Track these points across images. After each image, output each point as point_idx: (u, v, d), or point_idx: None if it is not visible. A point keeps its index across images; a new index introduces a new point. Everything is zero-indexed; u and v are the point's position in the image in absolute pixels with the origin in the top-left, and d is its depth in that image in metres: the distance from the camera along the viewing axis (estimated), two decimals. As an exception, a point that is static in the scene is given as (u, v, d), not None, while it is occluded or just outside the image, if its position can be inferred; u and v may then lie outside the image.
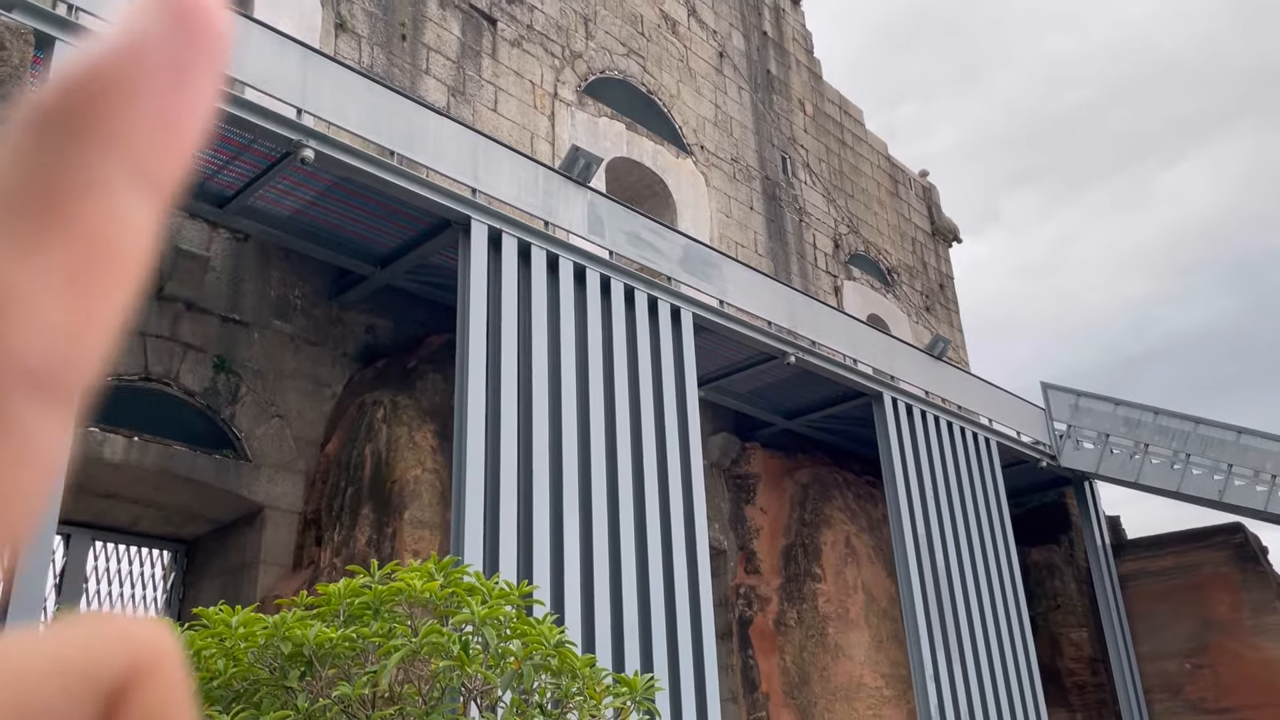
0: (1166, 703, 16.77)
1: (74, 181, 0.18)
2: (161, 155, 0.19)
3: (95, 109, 0.18)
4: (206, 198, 10.11)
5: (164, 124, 0.19)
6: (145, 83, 0.18)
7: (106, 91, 0.18)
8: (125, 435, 9.68)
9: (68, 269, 0.19)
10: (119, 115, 0.18)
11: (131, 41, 0.18)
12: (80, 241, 0.19)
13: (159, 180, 0.19)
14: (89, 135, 0.17)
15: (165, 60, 0.18)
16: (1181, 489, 16.90)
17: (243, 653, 3.49)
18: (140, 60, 0.18)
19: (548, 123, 14.78)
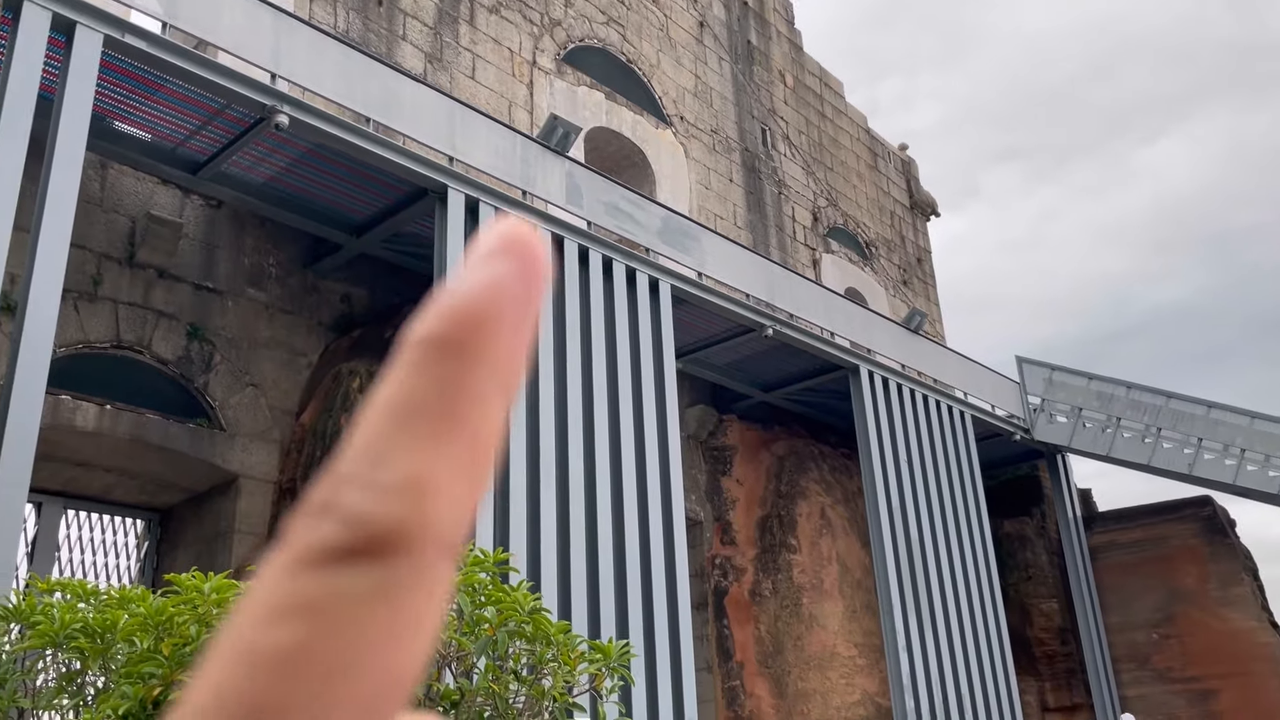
0: (1134, 672, 17.07)
1: (468, 394, 0.23)
2: (516, 369, 0.24)
3: (476, 337, 0.24)
4: (179, 163, 9.97)
5: (518, 346, 0.24)
6: (506, 314, 0.24)
7: (482, 323, 0.24)
8: (97, 403, 9.58)
9: (465, 460, 0.24)
10: (493, 342, 0.24)
11: (491, 280, 0.24)
12: (471, 439, 0.24)
13: (513, 388, 0.25)
14: (474, 358, 0.23)
15: (517, 294, 0.24)
16: (1152, 462, 17.11)
17: (216, 619, 3.48)
18: (500, 296, 0.24)
19: (526, 91, 14.65)
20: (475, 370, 0.23)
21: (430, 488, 0.22)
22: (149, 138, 9.66)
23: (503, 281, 0.24)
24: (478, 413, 0.23)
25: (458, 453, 0.23)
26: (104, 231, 10.08)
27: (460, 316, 0.23)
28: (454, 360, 0.23)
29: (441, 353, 0.23)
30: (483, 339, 0.23)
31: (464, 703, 3.83)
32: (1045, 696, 16.82)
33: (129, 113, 9.30)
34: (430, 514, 0.22)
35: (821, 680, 13.42)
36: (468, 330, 0.23)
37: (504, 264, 0.25)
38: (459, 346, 0.23)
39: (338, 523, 0.22)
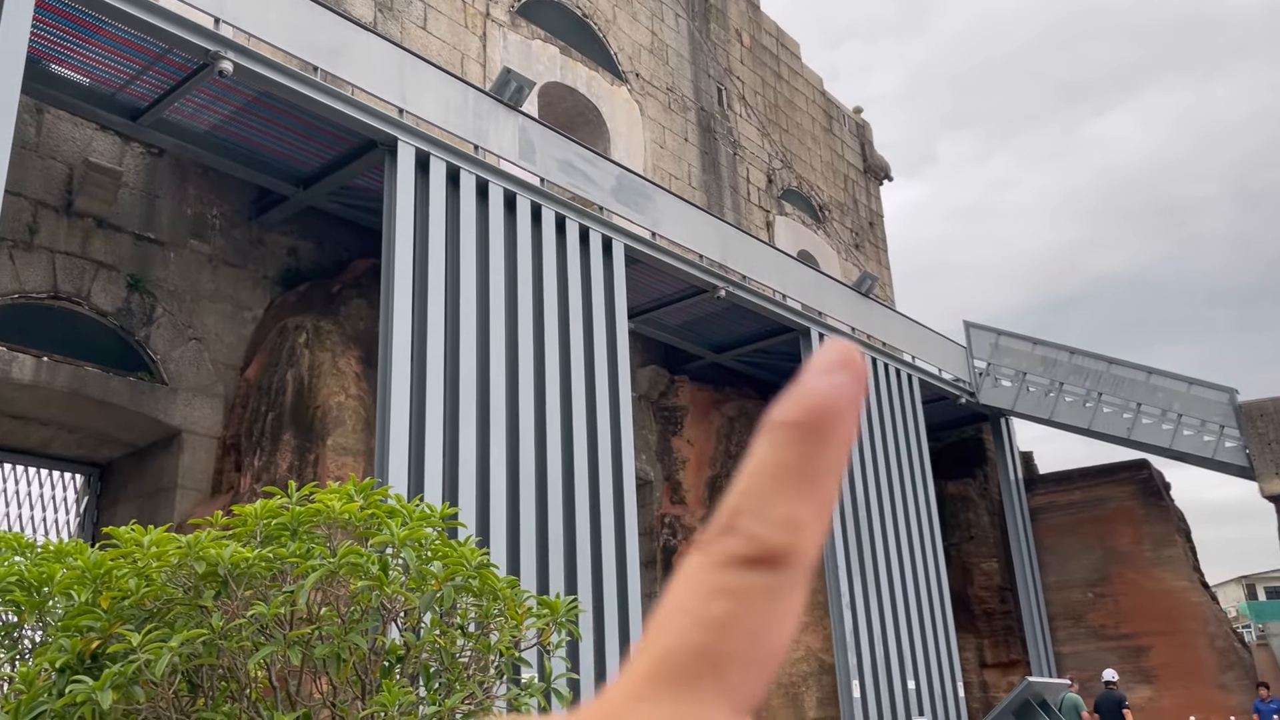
0: (1069, 629, 17.57)
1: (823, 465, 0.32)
2: (848, 451, 0.33)
3: (828, 426, 0.32)
4: (118, 109, 9.66)
5: (851, 434, 0.33)
6: (845, 412, 0.32)
7: (832, 416, 0.32)
8: (34, 355, 9.34)
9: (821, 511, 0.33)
10: (838, 431, 0.33)
11: (836, 384, 0.33)
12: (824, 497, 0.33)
13: (844, 463, 0.33)
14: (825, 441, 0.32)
15: (852, 398, 0.33)
16: (1093, 426, 17.51)
17: (155, 571, 3.42)
18: (842, 398, 0.32)
19: (479, 44, 14.40)
20: (826, 449, 0.32)
21: (802, 526, 0.32)
22: (87, 82, 9.35)
23: (844, 387, 0.33)
24: (827, 479, 0.32)
25: (817, 505, 0.32)
26: (40, 178, 9.77)
27: (817, 409, 0.32)
28: (812, 441, 0.32)
29: (804, 434, 0.32)
30: (831, 427, 0.32)
31: (409, 657, 3.82)
32: (984, 653, 17.26)
33: (66, 55, 8.98)
34: (802, 544, 0.32)
35: (767, 637, 13.63)
36: (822, 420, 0.32)
37: (842, 375, 0.34)
38: (816, 431, 0.32)
39: (743, 540, 0.31)
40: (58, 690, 3.22)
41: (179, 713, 3.38)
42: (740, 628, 0.30)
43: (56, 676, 3.32)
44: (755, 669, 0.30)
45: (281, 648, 3.37)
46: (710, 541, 0.32)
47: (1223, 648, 16.40)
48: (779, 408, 0.33)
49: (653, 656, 0.30)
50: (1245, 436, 17.02)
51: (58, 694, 3.21)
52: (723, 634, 0.30)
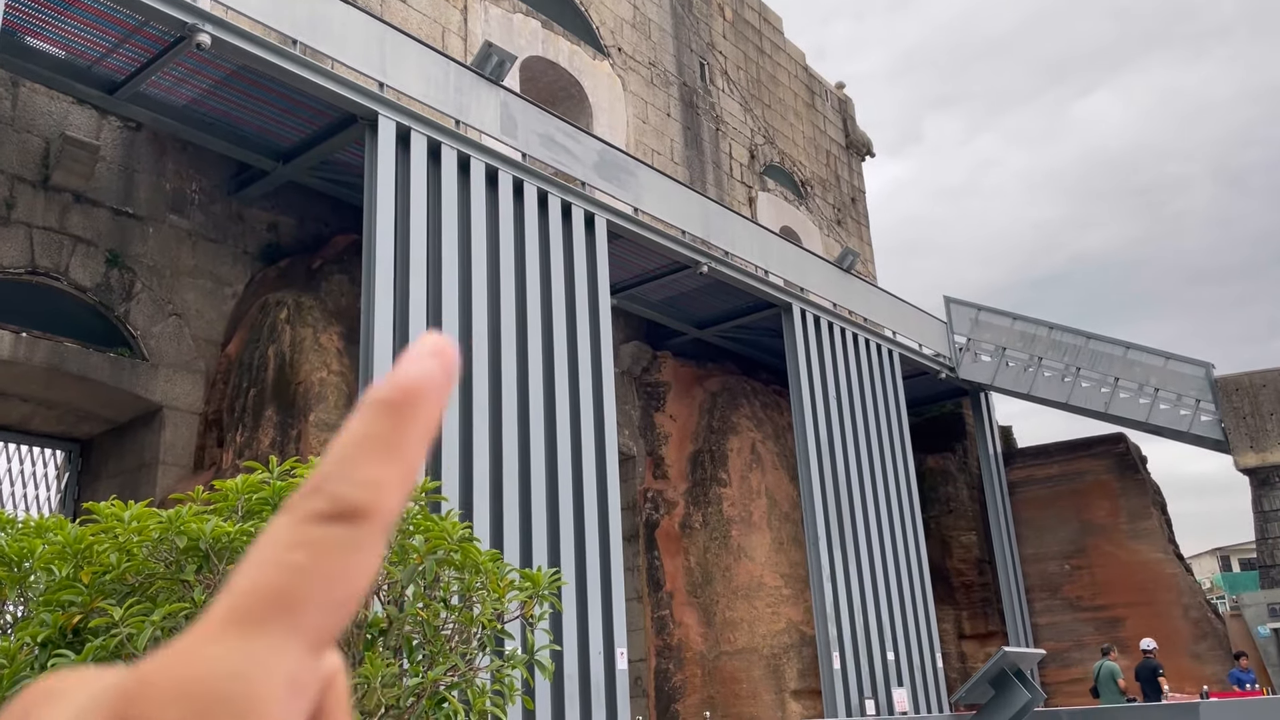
0: (1046, 601, 17.81)
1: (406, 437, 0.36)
2: (433, 428, 0.38)
3: (414, 404, 0.37)
4: (94, 82, 9.55)
5: (437, 414, 0.37)
6: (432, 394, 0.37)
7: (418, 396, 0.37)
8: (12, 331, 9.28)
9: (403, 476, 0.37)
10: (423, 409, 0.37)
11: (425, 370, 0.37)
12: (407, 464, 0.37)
13: (430, 439, 0.38)
14: (412, 417, 0.36)
15: (440, 382, 0.38)
16: (1071, 400, 17.67)
17: (136, 546, 3.43)
18: (430, 382, 0.37)
19: (460, 17, 14.28)
20: (412, 424, 0.36)
21: (383, 487, 0.35)
22: (62, 54, 9.24)
23: (432, 372, 0.38)
24: (411, 449, 0.36)
25: (399, 470, 0.36)
26: (16, 152, 9.67)
27: (406, 389, 0.37)
28: (400, 416, 0.36)
29: (393, 410, 0.36)
30: (417, 405, 0.37)
31: (392, 630, 3.86)
32: (962, 624, 17.48)
33: (41, 27, 8.87)
34: (382, 503, 0.35)
35: (748, 609, 13.76)
36: (409, 398, 0.37)
37: (432, 361, 0.38)
38: (403, 408, 0.36)
39: (327, 499, 0.34)
40: (39, 665, 3.24)
41: (162, 685, 3.41)
42: (316, 574, 0.33)
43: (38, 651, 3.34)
44: (329, 611, 0.33)
45: (264, 621, 3.40)
46: (295, 502, 0.35)
47: (1197, 618, 16.67)
48: (374, 389, 0.37)
49: (229, 603, 0.33)
50: (1221, 410, 17.22)
51: (39, 668, 3.23)
52: (298, 579, 0.33)
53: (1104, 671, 14.38)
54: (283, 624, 0.33)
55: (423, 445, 0.37)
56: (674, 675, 13.90)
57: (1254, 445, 16.94)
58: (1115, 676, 14.23)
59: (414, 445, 0.36)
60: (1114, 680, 14.18)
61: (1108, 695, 14.17)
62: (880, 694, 13.30)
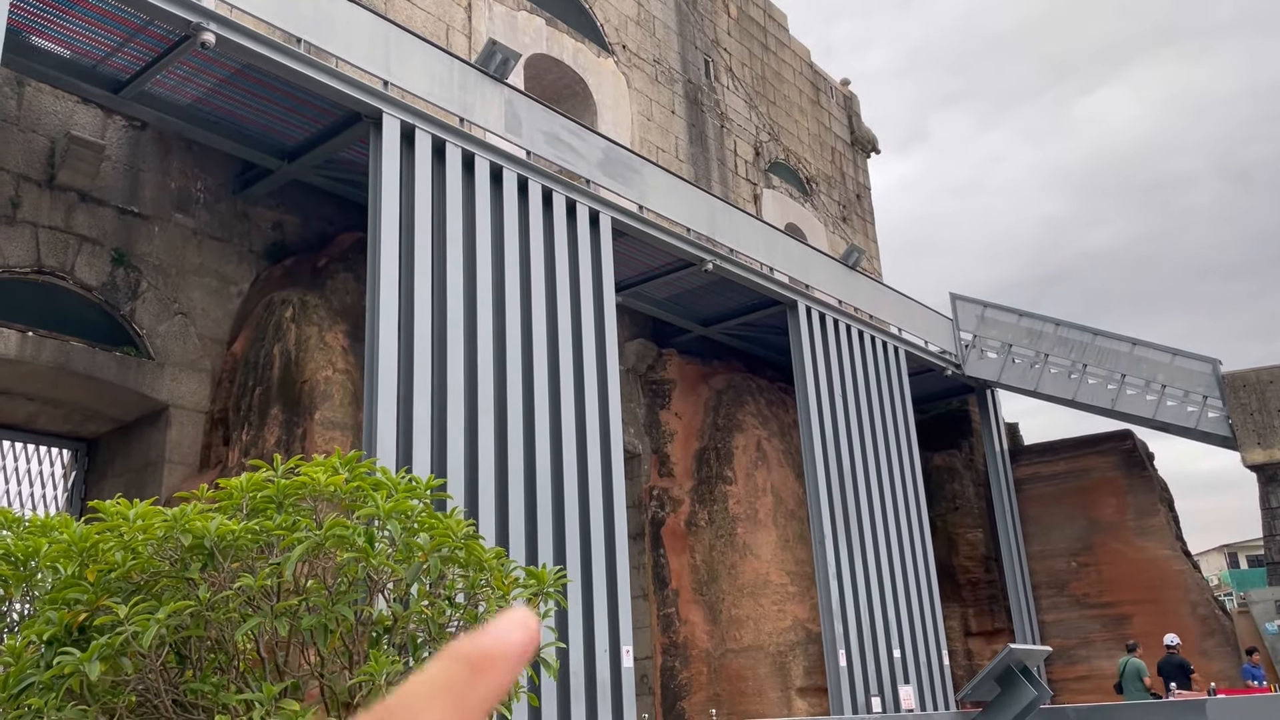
0: (1053, 598, 17.77)
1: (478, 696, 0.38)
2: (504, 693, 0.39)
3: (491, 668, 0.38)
4: (99, 82, 9.57)
5: (510, 682, 0.39)
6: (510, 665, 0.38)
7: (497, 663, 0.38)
8: (19, 330, 9.30)
9: None
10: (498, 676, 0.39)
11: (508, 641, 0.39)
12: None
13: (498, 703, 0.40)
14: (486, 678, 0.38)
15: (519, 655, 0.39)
16: (1077, 397, 17.62)
17: (141, 545, 3.44)
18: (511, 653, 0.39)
19: (464, 15, 14.28)
20: (485, 686, 0.38)
21: None
22: (68, 54, 9.25)
23: (514, 645, 0.39)
24: (476, 709, 0.38)
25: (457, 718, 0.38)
26: (21, 152, 9.69)
27: (488, 653, 0.39)
28: (477, 676, 0.38)
29: (470, 667, 0.38)
30: (494, 671, 0.38)
31: (397, 627, 3.86)
32: (968, 621, 17.45)
33: (46, 27, 8.88)
34: None
35: (754, 607, 13.76)
36: (489, 663, 0.39)
37: (518, 634, 0.40)
38: (482, 670, 0.38)
39: None
40: (45, 662, 3.25)
41: (167, 684, 3.41)
42: None
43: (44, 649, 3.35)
44: None
45: (269, 619, 3.41)
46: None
47: (1204, 615, 16.62)
48: (460, 643, 0.40)
49: None
50: (1228, 407, 17.16)
51: (45, 666, 3.23)
52: None
53: (1129, 668, 14.35)
54: None
55: (488, 709, 0.39)
56: (680, 673, 13.90)
57: (1261, 441, 16.88)
58: (1141, 674, 14.20)
59: (480, 707, 0.38)
60: (1139, 677, 14.16)
61: (1132, 692, 14.14)
62: (886, 691, 13.29)
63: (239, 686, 3.47)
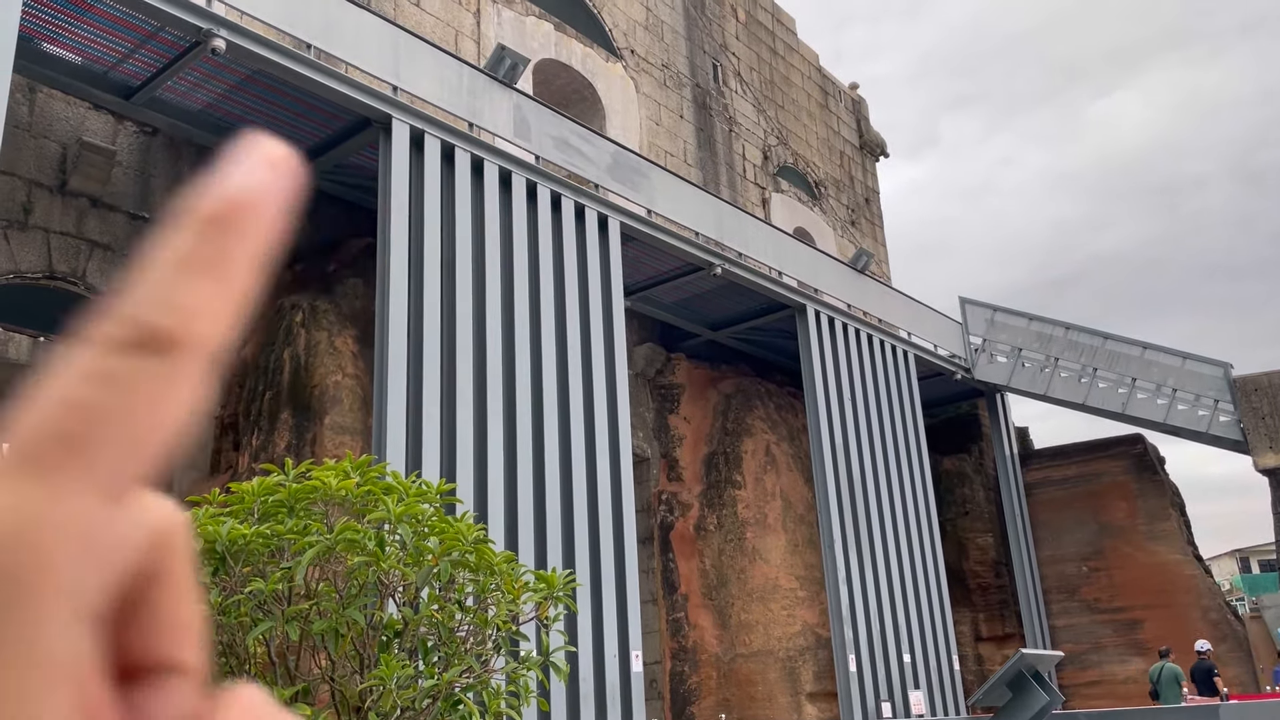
0: (1063, 603, 17.70)
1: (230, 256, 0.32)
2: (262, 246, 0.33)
3: (239, 218, 0.32)
4: (111, 88, 9.62)
5: (266, 229, 0.33)
6: (262, 205, 0.33)
7: (244, 208, 0.32)
8: (30, 335, 9.35)
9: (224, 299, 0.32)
10: (251, 223, 0.33)
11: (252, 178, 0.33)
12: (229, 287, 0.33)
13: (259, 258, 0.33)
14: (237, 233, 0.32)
15: (271, 192, 0.33)
16: (1088, 401, 17.55)
17: (153, 549, 3.45)
18: (259, 191, 0.33)
19: (473, 20, 14.32)
20: (239, 240, 0.32)
21: (196, 312, 0.31)
22: (79, 60, 9.31)
23: (262, 181, 0.33)
24: (235, 270, 0.32)
25: (219, 293, 0.32)
26: (33, 158, 9.74)
27: (232, 202, 0.32)
28: (224, 231, 0.32)
29: (216, 225, 0.32)
30: (244, 220, 0.32)
31: (407, 632, 3.86)
32: (979, 626, 17.39)
33: (58, 34, 8.94)
34: (194, 330, 0.31)
35: (763, 612, 13.73)
36: (234, 212, 0.32)
37: (263, 169, 0.33)
38: (228, 223, 0.32)
39: (131, 325, 0.31)
40: (59, 666, 3.26)
41: (179, 687, 3.42)
42: (110, 411, 0.30)
43: (58, 652, 3.36)
44: (126, 453, 0.30)
45: (280, 623, 3.41)
46: (97, 330, 0.31)
47: (1216, 620, 16.53)
48: (194, 200, 0.33)
49: (17, 442, 0.29)
50: (1239, 410, 17.08)
51: (59, 669, 3.24)
52: (88, 418, 0.29)
53: (1165, 673, 14.31)
54: (74, 468, 0.29)
55: (250, 267, 0.33)
56: (689, 678, 13.88)
57: (1273, 445, 16.79)
58: (1178, 679, 14.17)
59: (240, 264, 0.32)
60: (1177, 682, 14.13)
61: (1170, 698, 14.10)
62: (896, 696, 13.24)
63: (250, 690, 3.48)
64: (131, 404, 0.30)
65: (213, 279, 0.32)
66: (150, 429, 0.30)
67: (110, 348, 0.30)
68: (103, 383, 0.30)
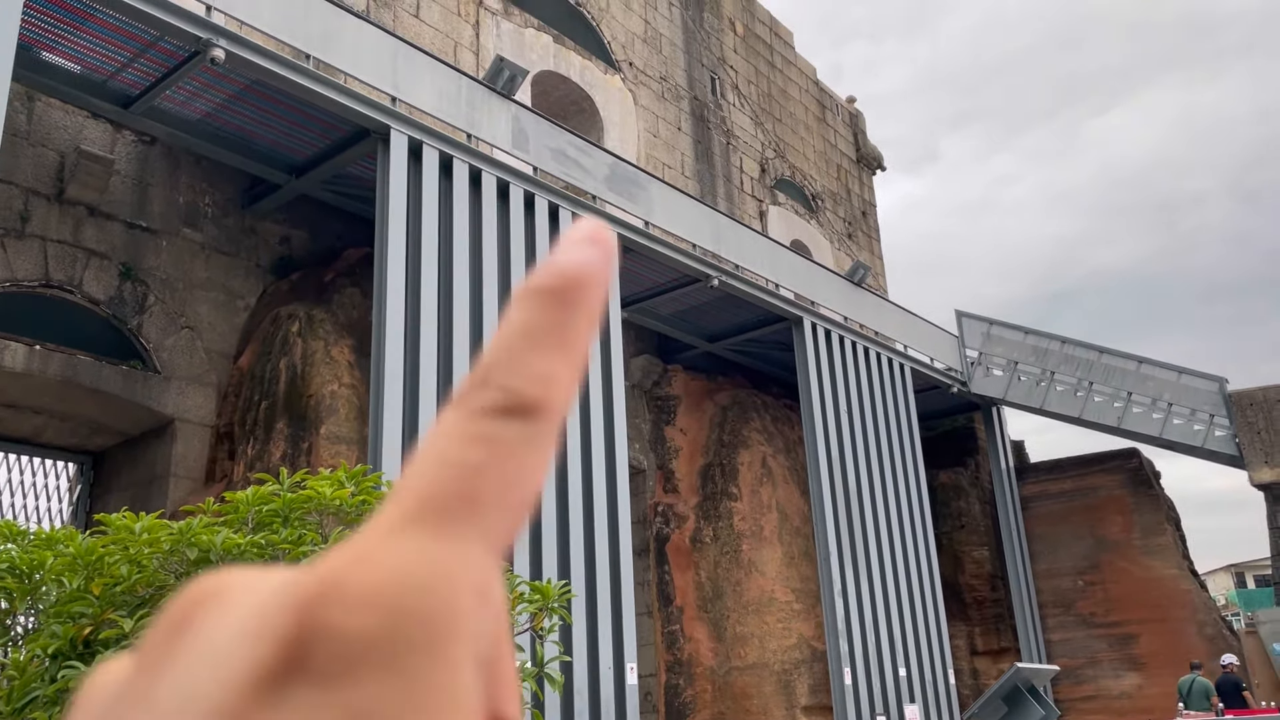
0: (1059, 617, 17.67)
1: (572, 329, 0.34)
2: (596, 321, 0.36)
3: (578, 293, 0.34)
4: (110, 97, 9.63)
5: (599, 305, 0.35)
6: (595, 283, 0.35)
7: (581, 285, 0.35)
8: (26, 344, 9.33)
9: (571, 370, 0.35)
10: (587, 299, 0.35)
11: (585, 257, 0.35)
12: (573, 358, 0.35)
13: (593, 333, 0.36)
14: (575, 307, 0.34)
15: (601, 271, 0.35)
16: (1084, 415, 17.57)
17: (147, 558, 3.44)
18: (592, 270, 0.35)
19: (472, 32, 14.36)
20: (577, 315, 0.34)
21: (555, 381, 0.33)
22: (78, 69, 9.32)
23: (593, 260, 0.35)
24: (577, 342, 0.34)
25: (568, 363, 0.34)
26: (31, 166, 9.75)
27: (569, 278, 0.34)
28: (564, 306, 0.34)
29: (556, 300, 0.34)
30: (581, 295, 0.34)
31: (401, 642, 3.85)
32: (974, 640, 17.36)
33: (57, 43, 8.95)
34: (554, 397, 0.33)
35: (759, 624, 13.70)
36: (574, 288, 0.34)
37: (593, 249, 0.35)
38: (567, 298, 0.34)
39: (498, 392, 0.33)
40: (50, 676, 3.24)
41: (172, 698, 3.40)
42: (496, 474, 0.32)
43: (49, 663, 3.34)
44: (509, 513, 0.32)
45: (274, 633, 3.39)
46: (466, 396, 0.33)
47: (1211, 635, 16.51)
48: (531, 278, 0.35)
49: (411, 498, 0.31)
50: (1235, 425, 17.10)
51: (50, 680, 3.23)
52: (479, 478, 0.31)
53: (1196, 687, 14.31)
54: (470, 525, 0.31)
55: (587, 340, 0.35)
56: (684, 690, 13.83)
57: (1269, 460, 16.81)
58: (1209, 693, 14.17)
59: (580, 339, 0.34)
60: (1206, 696, 14.12)
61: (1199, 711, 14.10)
62: (892, 710, 13.21)
63: (243, 701, 3.46)
64: (511, 466, 0.32)
65: (560, 350, 0.34)
66: (524, 489, 0.32)
67: (488, 413, 0.33)
68: (488, 445, 0.32)
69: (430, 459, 0.32)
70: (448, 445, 0.32)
